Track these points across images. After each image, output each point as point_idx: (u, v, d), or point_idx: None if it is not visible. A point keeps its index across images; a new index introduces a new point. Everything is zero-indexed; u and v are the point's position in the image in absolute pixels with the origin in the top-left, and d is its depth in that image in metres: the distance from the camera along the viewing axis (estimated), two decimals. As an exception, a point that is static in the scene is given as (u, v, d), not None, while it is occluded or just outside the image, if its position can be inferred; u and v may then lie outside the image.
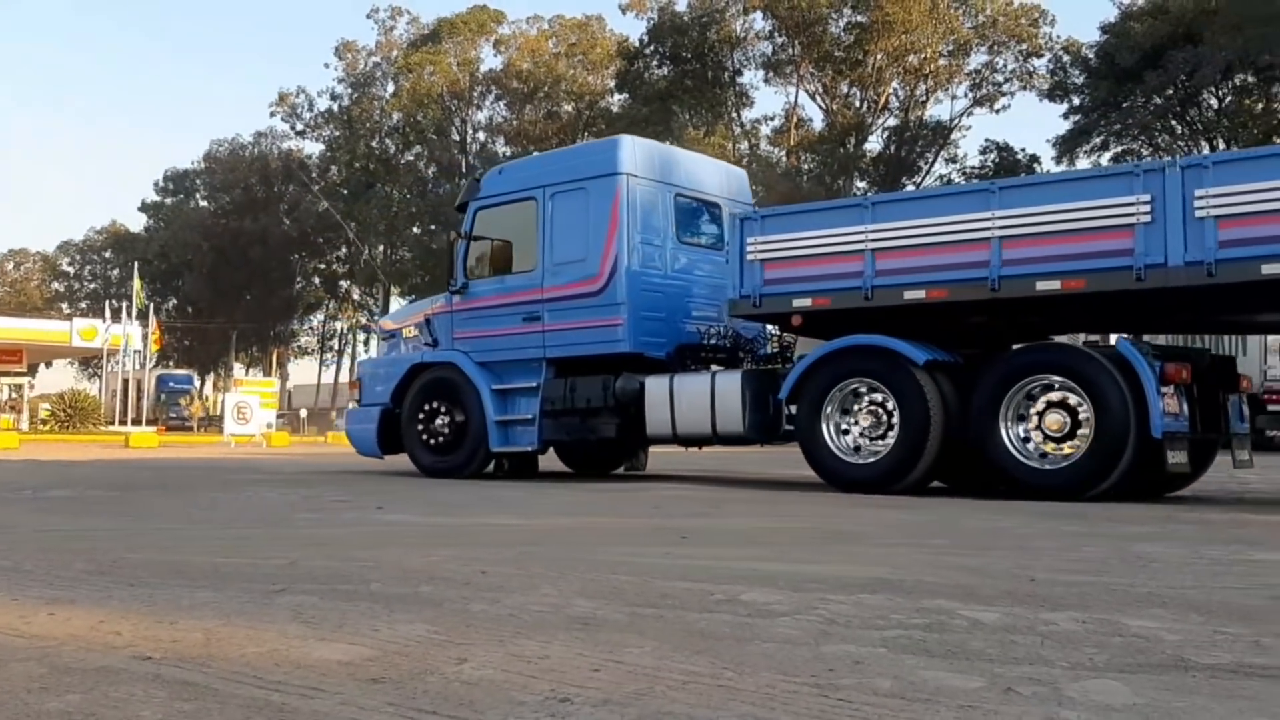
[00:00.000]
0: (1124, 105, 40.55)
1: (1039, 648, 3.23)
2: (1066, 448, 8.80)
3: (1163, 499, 9.45)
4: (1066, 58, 44.29)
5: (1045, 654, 3.14)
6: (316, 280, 74.55)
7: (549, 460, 13.71)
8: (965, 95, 48.15)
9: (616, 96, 57.55)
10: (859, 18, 44.56)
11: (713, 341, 11.64)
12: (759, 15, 47.89)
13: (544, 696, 2.63)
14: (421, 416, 12.56)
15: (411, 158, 65.07)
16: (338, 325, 78.60)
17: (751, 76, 51.06)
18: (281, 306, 72.32)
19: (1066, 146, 43.80)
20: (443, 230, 60.08)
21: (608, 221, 11.32)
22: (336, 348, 79.94)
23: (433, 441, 12.50)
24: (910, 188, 48.10)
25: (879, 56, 44.45)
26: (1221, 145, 36.95)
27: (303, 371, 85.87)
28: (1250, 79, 36.15)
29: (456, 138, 65.16)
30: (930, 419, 9.23)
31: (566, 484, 11.70)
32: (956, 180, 46.42)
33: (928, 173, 48.54)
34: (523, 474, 13.18)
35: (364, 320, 65.44)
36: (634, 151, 11.76)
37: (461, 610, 3.81)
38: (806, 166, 47.02)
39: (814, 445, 9.91)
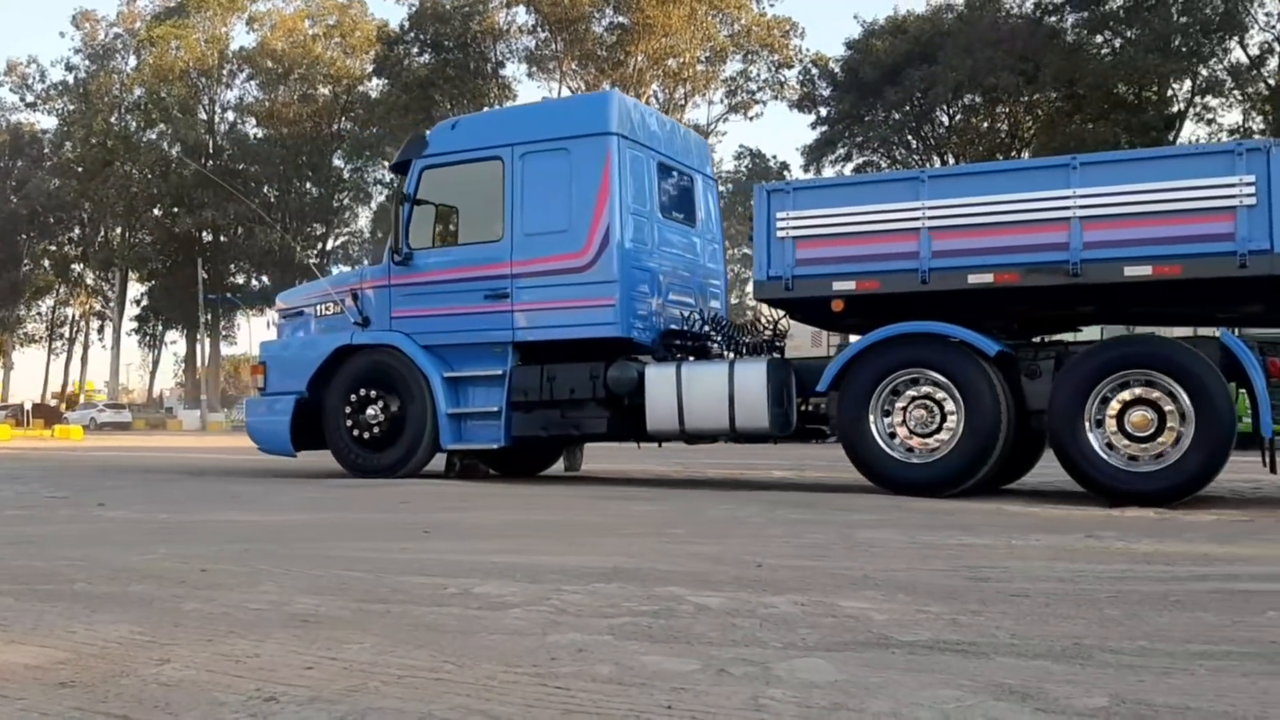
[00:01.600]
0: (866, 118, 42.88)
1: (757, 630, 3.34)
2: (1155, 448, 7.92)
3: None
4: (815, 70, 46.43)
5: (762, 636, 3.25)
6: (46, 263, 69.23)
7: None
8: (722, 101, 49.77)
9: (375, 81, 56.23)
10: (620, 18, 45.24)
11: (695, 327, 10.53)
12: (522, 9, 47.93)
13: (248, 696, 2.51)
14: (349, 407, 10.81)
15: (154, 136, 61.32)
16: (69, 311, 73.28)
17: (514, 69, 50.97)
18: (7, 290, 66.81)
19: (813, 156, 45.93)
20: (187, 214, 57.07)
21: (597, 187, 9.98)
22: (68, 335, 74.55)
23: (364, 435, 10.75)
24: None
25: (640, 58, 45.27)
26: (951, 160, 39.67)
27: (29, 361, 79.64)
28: (978, 99, 38.87)
29: (204, 116, 61.95)
30: (1001, 416, 8.37)
31: (343, 481, 11.29)
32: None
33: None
34: (472, 475, 11.34)
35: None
36: (623, 109, 10.44)
37: (172, 609, 3.60)
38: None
39: (862, 443, 8.77)
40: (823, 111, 46.35)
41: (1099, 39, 34.28)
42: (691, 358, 10.39)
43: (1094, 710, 2.41)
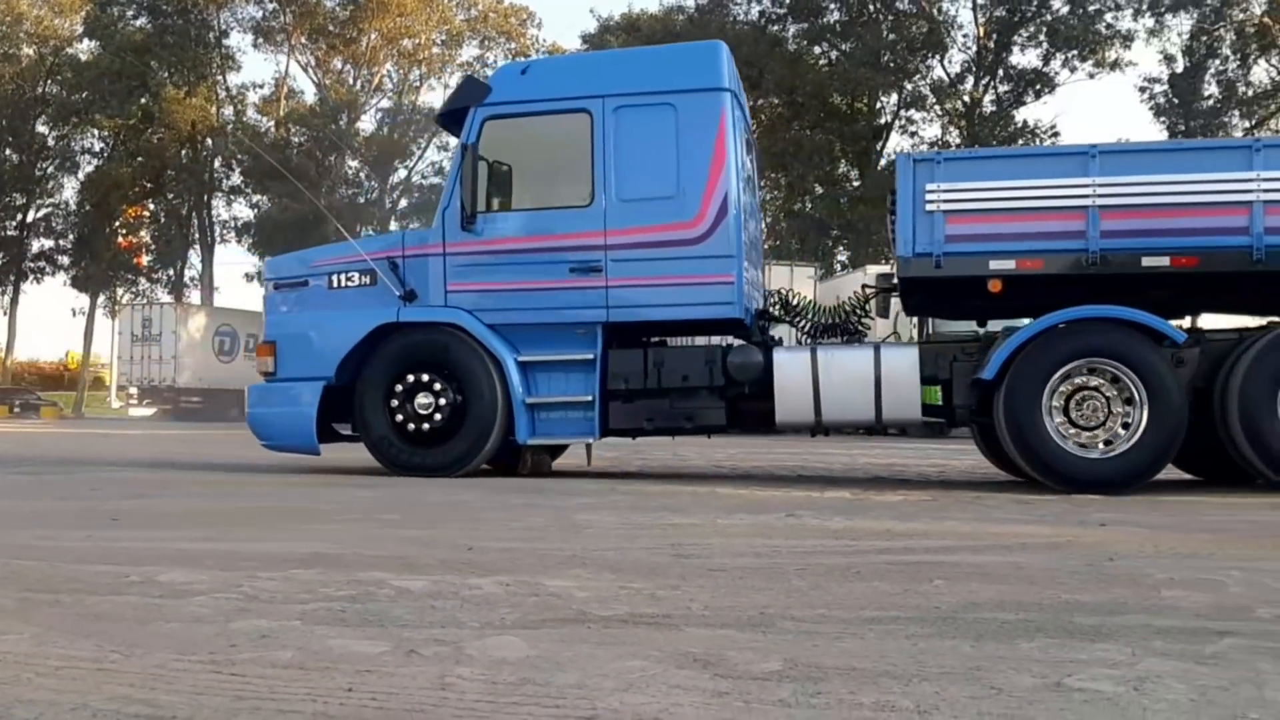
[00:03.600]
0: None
1: (457, 611, 3.29)
2: None
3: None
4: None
5: (461, 617, 3.21)
6: None
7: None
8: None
9: (85, 43, 52.03)
10: (353, -7, 43.88)
11: (773, 309, 9.82)
12: (249, -23, 45.59)
13: None
14: (395, 396, 9.19)
15: None
16: None
17: (240, 40, 48.34)
18: None
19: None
20: None
21: (710, 149, 8.93)
22: None
23: (414, 428, 9.17)
24: (402, 171, 48.19)
25: (374, 36, 44.07)
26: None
27: None
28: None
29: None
30: (1183, 408, 7.94)
31: (29, 466, 10.32)
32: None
33: (420, 157, 48.95)
34: (541, 470, 9.96)
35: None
36: (730, 62, 9.36)
37: None
38: (297, 140, 45.47)
39: (1035, 437, 8.08)
40: (559, 103, 46.60)
41: (817, 50, 36.22)
42: (809, 340, 9.65)
43: (768, 674, 2.52)
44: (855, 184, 35.72)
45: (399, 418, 9.18)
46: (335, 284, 9.63)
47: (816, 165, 34.41)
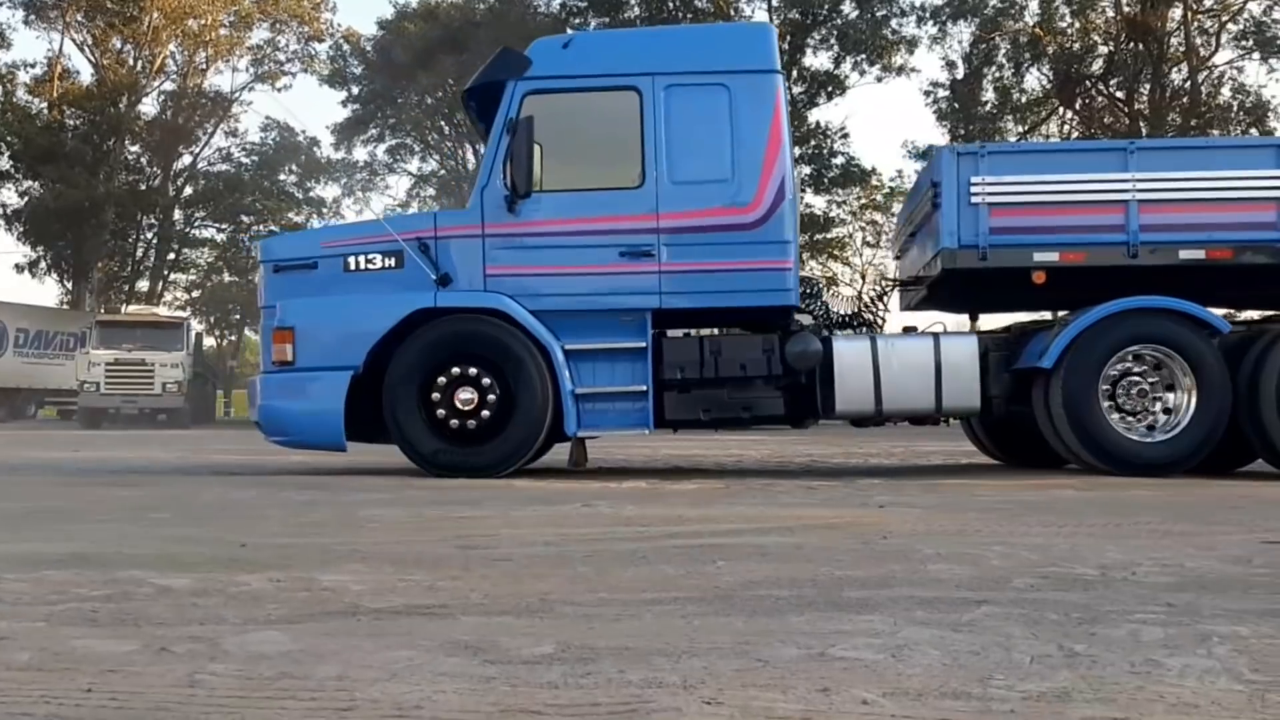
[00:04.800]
0: (399, 100, 42.61)
1: (220, 608, 3.12)
2: None
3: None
4: (346, 47, 45.40)
5: (224, 613, 3.04)
6: None
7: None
8: (247, 69, 47.21)
9: None
10: (134, -30, 41.55)
11: (806, 299, 9.43)
12: (16, -54, 42.52)
13: None
14: (435, 390, 8.48)
15: None
16: None
17: (9, 15, 45.10)
18: None
19: (345, 134, 44.96)
20: None
21: (766, 133, 8.68)
22: None
23: (456, 425, 8.49)
24: (187, 157, 46.04)
25: (156, 15, 41.79)
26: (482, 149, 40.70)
27: None
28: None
29: None
30: (1228, 393, 8.25)
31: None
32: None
33: (206, 143, 46.81)
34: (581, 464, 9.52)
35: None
36: (778, 44, 9.05)
37: None
38: (72, 123, 42.75)
39: (1093, 422, 8.34)
40: (354, 90, 45.48)
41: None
42: (865, 330, 9.51)
43: (539, 657, 2.48)
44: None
45: (440, 413, 8.49)
46: (353, 266, 8.86)
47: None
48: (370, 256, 8.85)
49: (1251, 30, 32.31)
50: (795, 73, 35.91)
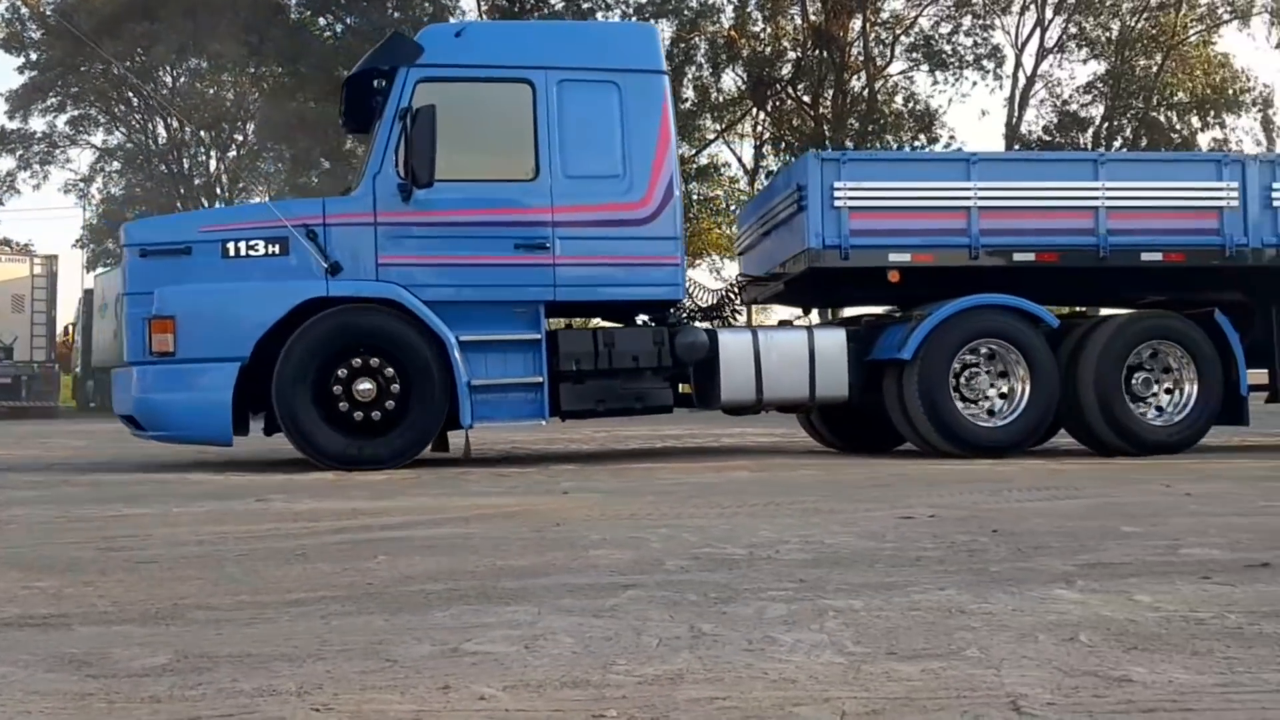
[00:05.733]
0: (82, 69, 39.35)
1: None
2: (1175, 406, 9.20)
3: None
4: (25, 10, 41.47)
5: None
6: None
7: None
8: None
9: None
10: None
11: None
12: None
13: None
14: (333, 381, 8.20)
15: None
16: None
17: None
18: None
19: (20, 103, 41.06)
20: None
21: (656, 132, 8.94)
22: None
23: (358, 417, 8.21)
24: None
25: None
26: (175, 125, 38.19)
27: None
28: (203, 64, 37.69)
29: None
30: (1057, 381, 9.01)
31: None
32: None
33: None
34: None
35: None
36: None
37: None
38: None
39: (942, 408, 8.90)
40: (33, 56, 41.61)
41: (321, 21, 35.21)
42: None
43: (150, 669, 2.32)
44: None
45: (343, 405, 8.25)
46: (233, 252, 8.51)
47: (322, 139, 33.45)
48: (253, 242, 8.58)
49: (921, 44, 35.04)
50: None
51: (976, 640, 2.53)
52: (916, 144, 34.75)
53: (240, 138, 38.62)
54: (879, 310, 10.50)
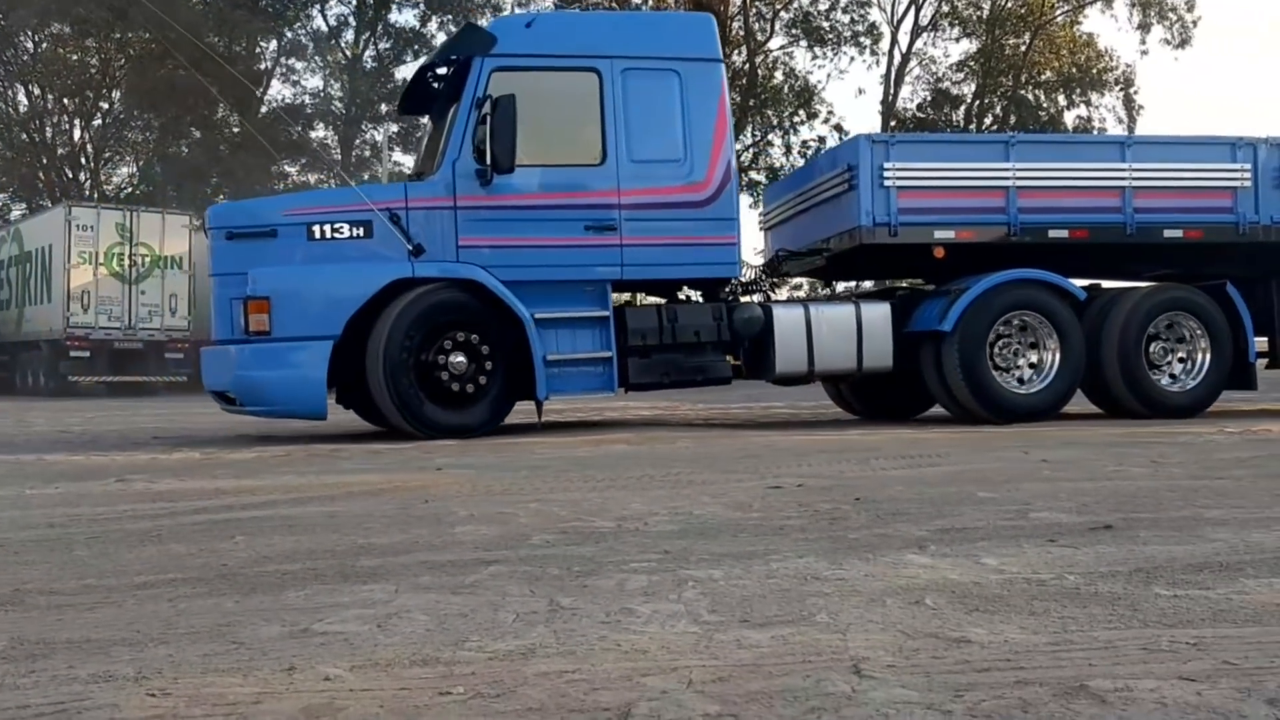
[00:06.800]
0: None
1: None
2: (1189, 372, 9.96)
3: None
4: None
5: None
6: None
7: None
8: None
9: None
10: None
11: None
12: None
13: None
14: (425, 355, 8.77)
15: None
16: None
17: None
18: None
19: None
20: None
21: (714, 117, 9.51)
22: None
23: (456, 389, 8.80)
24: None
25: None
26: (37, 91, 36.46)
27: None
28: (66, 29, 36.07)
29: None
30: (1083, 350, 9.66)
31: None
32: None
33: None
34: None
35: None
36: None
37: None
38: None
39: (981, 377, 9.52)
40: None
41: (191, -14, 34.00)
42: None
43: (-21, 659, 2.23)
44: (236, 130, 34.11)
45: (442, 376, 8.78)
46: (319, 235, 8.92)
47: (193, 108, 32.31)
48: (338, 226, 8.97)
49: (800, 20, 35.42)
50: (380, 28, 35.21)
51: (827, 606, 2.59)
52: (797, 119, 35.22)
53: (106, 105, 36.98)
54: (901, 284, 11.38)
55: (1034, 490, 4.72)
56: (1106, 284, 10.83)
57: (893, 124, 34.90)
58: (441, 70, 9.90)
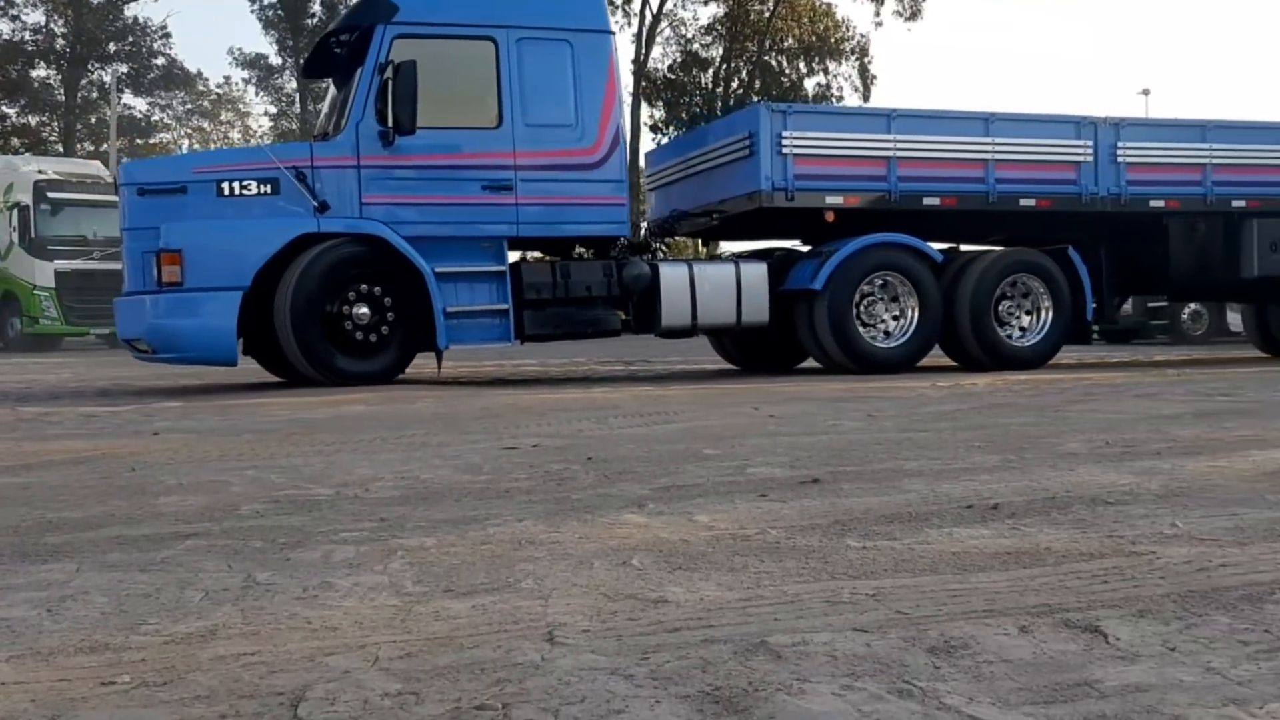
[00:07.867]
0: None
1: None
2: (1033, 328, 10.98)
3: None
4: None
5: None
6: None
7: None
8: None
9: None
10: None
11: None
12: None
13: None
14: (331, 307, 9.34)
15: None
16: None
17: None
18: None
19: None
20: None
21: (603, 85, 10.23)
22: None
23: (360, 338, 9.40)
24: None
25: None
26: None
27: None
28: None
29: None
30: (940, 308, 10.50)
31: None
32: None
33: None
34: None
35: None
36: None
37: None
38: None
39: (848, 332, 10.35)
40: None
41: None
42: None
43: None
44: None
45: (347, 326, 9.37)
46: (227, 191, 9.44)
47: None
48: (245, 183, 9.49)
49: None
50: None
51: (535, 571, 2.58)
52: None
53: None
54: (764, 245, 12.23)
55: (755, 445, 4.89)
56: (965, 247, 11.78)
57: (644, 84, 35.35)
58: (344, 36, 10.35)
